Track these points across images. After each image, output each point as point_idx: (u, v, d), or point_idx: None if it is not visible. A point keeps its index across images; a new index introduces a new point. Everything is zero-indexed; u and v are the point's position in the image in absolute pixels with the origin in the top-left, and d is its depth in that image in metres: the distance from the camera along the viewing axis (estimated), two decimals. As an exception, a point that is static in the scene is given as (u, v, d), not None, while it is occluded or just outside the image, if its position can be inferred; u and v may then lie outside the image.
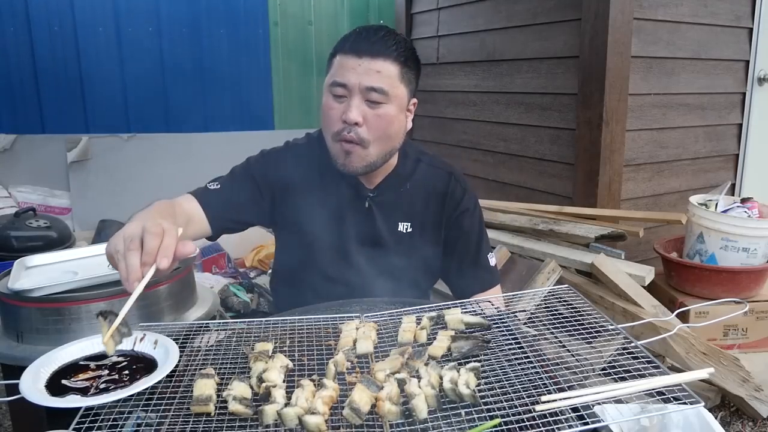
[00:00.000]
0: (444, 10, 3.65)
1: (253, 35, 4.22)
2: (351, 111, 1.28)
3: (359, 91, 1.28)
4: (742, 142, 3.16)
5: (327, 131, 1.35)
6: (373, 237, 1.46)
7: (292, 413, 0.82)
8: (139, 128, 4.01)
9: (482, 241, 1.54)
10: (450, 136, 3.71)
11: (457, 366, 0.93)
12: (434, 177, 1.50)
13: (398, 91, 1.32)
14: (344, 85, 1.28)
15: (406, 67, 1.33)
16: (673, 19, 2.73)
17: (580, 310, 1.13)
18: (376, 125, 1.31)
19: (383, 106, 1.30)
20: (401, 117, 1.36)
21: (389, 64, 1.29)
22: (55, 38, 3.79)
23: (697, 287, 2.44)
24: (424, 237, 1.49)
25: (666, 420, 0.95)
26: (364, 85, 1.27)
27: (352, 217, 1.45)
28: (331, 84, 1.31)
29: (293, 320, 1.16)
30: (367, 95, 1.28)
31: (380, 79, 1.28)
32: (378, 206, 1.46)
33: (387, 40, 1.30)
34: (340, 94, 1.30)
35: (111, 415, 0.86)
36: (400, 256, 1.47)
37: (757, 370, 2.15)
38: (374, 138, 1.32)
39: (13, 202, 3.64)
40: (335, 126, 1.31)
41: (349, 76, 1.28)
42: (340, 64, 1.30)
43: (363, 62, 1.27)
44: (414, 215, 1.48)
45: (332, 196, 1.44)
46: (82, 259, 1.72)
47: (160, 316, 1.55)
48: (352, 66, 1.28)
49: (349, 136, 1.29)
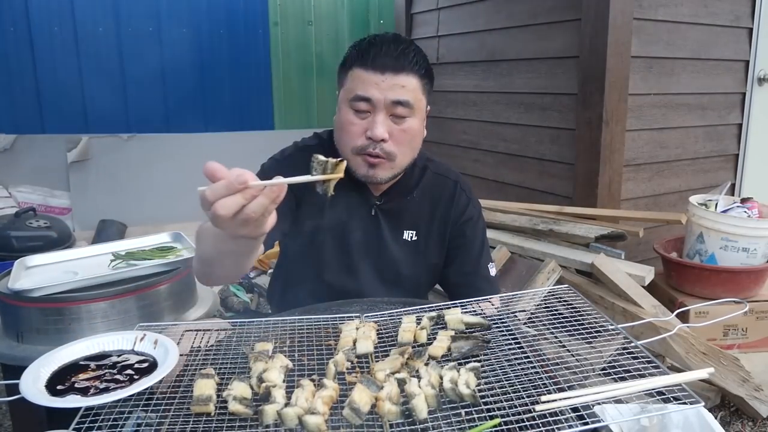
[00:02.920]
0: (444, 10, 3.65)
1: (253, 35, 4.22)
2: (377, 128, 1.25)
3: (384, 106, 1.26)
4: (742, 142, 3.16)
5: (346, 145, 1.31)
6: (378, 244, 1.44)
7: (292, 413, 0.82)
8: (139, 128, 4.01)
9: (483, 250, 1.53)
10: (450, 136, 3.71)
11: (457, 366, 0.93)
12: (440, 185, 1.49)
13: (421, 104, 1.32)
14: (368, 100, 1.26)
15: (426, 78, 1.33)
16: (673, 19, 2.73)
17: (580, 310, 1.13)
18: (401, 140, 1.30)
19: (408, 120, 1.29)
20: (422, 128, 1.37)
21: (412, 77, 1.28)
22: (55, 38, 3.79)
23: (697, 287, 2.44)
24: (429, 246, 1.48)
25: (666, 420, 0.95)
26: (390, 99, 1.25)
27: (357, 223, 1.43)
28: (352, 99, 1.27)
29: (293, 320, 1.16)
30: (393, 110, 1.27)
31: (405, 93, 1.26)
32: (384, 214, 1.44)
33: (408, 53, 1.28)
34: (363, 109, 1.27)
35: (111, 415, 0.86)
36: (404, 264, 1.46)
37: (757, 370, 2.15)
38: (401, 152, 1.31)
39: (13, 202, 3.64)
40: (357, 141, 1.28)
41: (372, 91, 1.25)
42: (361, 79, 1.27)
43: (387, 78, 1.25)
44: (419, 224, 1.47)
45: (340, 202, 1.39)
46: (82, 259, 1.73)
47: (160, 316, 1.55)
48: (375, 81, 1.25)
49: (375, 152, 1.28)
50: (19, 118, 3.81)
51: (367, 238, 1.44)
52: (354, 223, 1.43)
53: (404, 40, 1.33)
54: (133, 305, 1.50)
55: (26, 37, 3.74)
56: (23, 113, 3.82)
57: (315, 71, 4.43)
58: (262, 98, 4.31)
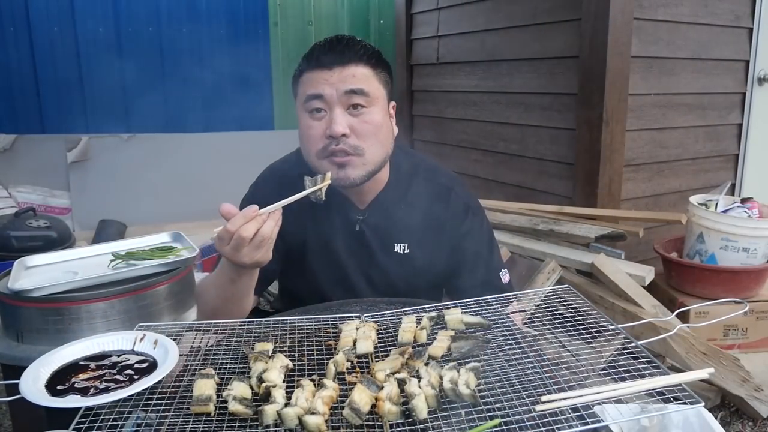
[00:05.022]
0: (444, 10, 3.65)
1: (253, 35, 4.22)
2: (335, 123, 1.21)
3: (338, 99, 1.22)
4: (742, 142, 3.16)
5: (309, 152, 1.27)
6: (369, 260, 1.40)
7: (292, 413, 0.82)
8: (139, 128, 4.00)
9: (492, 259, 1.45)
10: (450, 136, 3.71)
11: (457, 366, 0.93)
12: (432, 194, 1.41)
13: (378, 93, 1.27)
14: (320, 97, 1.22)
15: (378, 68, 1.28)
16: (673, 19, 2.73)
17: (580, 310, 1.13)
18: (365, 132, 1.24)
19: (367, 110, 1.24)
20: (387, 121, 1.30)
21: (361, 67, 1.24)
22: (55, 38, 3.79)
23: (697, 287, 2.44)
24: (424, 257, 1.40)
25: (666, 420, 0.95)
26: (342, 90, 1.21)
27: (343, 243, 1.39)
28: (305, 101, 1.24)
29: (293, 320, 1.16)
30: (348, 101, 1.23)
31: (357, 81, 1.23)
32: (370, 228, 1.38)
33: (352, 45, 1.25)
34: (317, 106, 1.23)
35: (111, 415, 0.86)
36: (398, 278, 1.40)
37: (757, 370, 2.15)
38: (368, 145, 1.25)
39: (13, 202, 3.64)
40: (318, 143, 1.24)
41: (323, 87, 1.22)
42: (310, 80, 1.24)
43: (335, 71, 1.22)
44: (410, 235, 1.39)
45: (322, 223, 1.38)
46: (82, 259, 1.73)
47: (160, 316, 1.55)
48: (324, 78, 1.22)
49: (338, 148, 1.22)
50: (19, 118, 3.81)
51: (356, 254, 1.40)
52: (340, 242, 1.39)
53: (348, 37, 1.29)
54: (133, 305, 1.50)
55: (26, 37, 3.73)
56: (23, 113, 3.82)
57: (315, 71, 4.43)
58: (262, 98, 4.31)
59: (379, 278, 1.41)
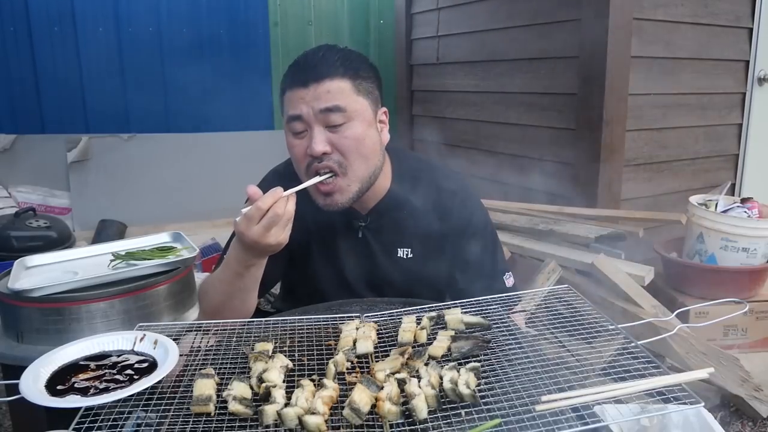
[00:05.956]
0: (444, 10, 3.65)
1: (253, 35, 4.22)
2: (314, 142, 1.20)
3: (315, 118, 1.21)
4: (742, 142, 3.16)
5: (299, 171, 1.28)
6: (372, 265, 1.39)
7: (292, 413, 0.82)
8: (139, 128, 4.00)
9: (496, 262, 1.45)
10: (450, 136, 3.71)
11: (457, 366, 0.93)
12: (435, 198, 1.39)
13: (357, 105, 1.24)
14: (299, 117, 1.22)
15: (359, 78, 1.25)
16: (673, 19, 2.73)
17: (580, 310, 1.13)
18: (346, 148, 1.23)
19: (346, 126, 1.22)
20: (371, 132, 1.27)
21: (338, 81, 1.21)
22: (55, 38, 3.79)
23: (697, 287, 2.44)
24: (428, 262, 1.40)
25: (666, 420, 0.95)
26: (317, 108, 1.20)
27: (346, 249, 1.39)
28: (287, 121, 1.25)
29: (293, 320, 1.16)
30: (326, 119, 1.21)
31: (332, 97, 1.20)
32: (372, 234, 1.38)
33: (328, 58, 1.23)
34: (299, 129, 1.23)
35: (111, 415, 0.86)
36: (402, 283, 1.40)
37: (757, 370, 2.15)
38: (351, 161, 1.24)
39: (13, 202, 3.64)
40: (303, 162, 1.25)
41: (301, 106, 1.21)
42: (290, 100, 1.24)
43: (311, 89, 1.20)
44: (413, 239, 1.39)
45: (325, 230, 1.38)
46: (82, 259, 1.72)
47: (160, 316, 1.55)
48: (301, 96, 1.21)
49: (322, 165, 1.22)
50: (19, 118, 3.81)
51: (358, 260, 1.40)
52: (343, 247, 1.39)
53: (327, 47, 1.27)
54: (133, 305, 1.50)
55: (26, 37, 3.73)
56: (23, 113, 3.82)
57: (315, 71, 4.43)
58: (262, 98, 4.31)
59: (382, 283, 1.41)
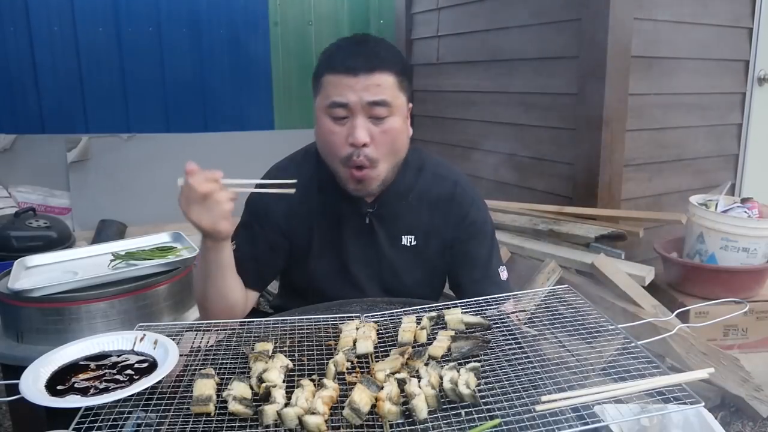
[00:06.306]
0: (444, 10, 3.65)
1: (253, 35, 4.22)
2: (357, 131, 1.22)
3: (362, 108, 1.23)
4: (742, 142, 3.16)
5: (333, 156, 1.29)
6: (376, 252, 1.41)
7: (292, 413, 0.82)
8: (139, 128, 4.00)
9: (492, 255, 1.47)
10: (450, 136, 3.71)
11: (457, 366, 0.93)
12: (438, 187, 1.43)
13: (399, 101, 1.27)
14: (345, 105, 1.23)
15: (402, 75, 1.29)
16: (673, 19, 2.73)
17: (580, 310, 1.13)
18: (383, 142, 1.26)
19: (388, 120, 1.25)
20: (405, 127, 1.32)
21: (386, 75, 1.24)
22: (55, 38, 3.79)
23: (697, 287, 2.44)
24: (430, 249, 1.43)
25: (666, 420, 0.95)
26: (366, 100, 1.22)
27: (352, 234, 1.41)
28: (329, 105, 1.25)
29: (293, 320, 1.16)
30: (371, 111, 1.23)
31: (381, 92, 1.23)
32: (379, 221, 1.41)
33: (378, 51, 1.25)
34: (341, 115, 1.24)
35: (111, 415, 0.86)
36: (405, 271, 1.43)
37: (757, 370, 2.15)
38: (383, 155, 1.27)
39: (13, 202, 3.64)
40: (342, 150, 1.26)
41: (348, 95, 1.22)
42: (334, 85, 1.24)
43: (360, 79, 1.22)
44: (418, 227, 1.42)
45: (332, 216, 1.40)
46: (82, 259, 1.73)
47: (160, 316, 1.55)
48: (349, 84, 1.22)
49: (359, 160, 1.25)
50: (19, 118, 3.80)
51: (363, 247, 1.41)
52: (349, 234, 1.40)
53: (374, 38, 1.30)
54: (133, 305, 1.50)
55: (26, 37, 3.73)
56: (23, 113, 3.82)
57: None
58: (262, 98, 4.31)
59: (384, 272, 1.43)
